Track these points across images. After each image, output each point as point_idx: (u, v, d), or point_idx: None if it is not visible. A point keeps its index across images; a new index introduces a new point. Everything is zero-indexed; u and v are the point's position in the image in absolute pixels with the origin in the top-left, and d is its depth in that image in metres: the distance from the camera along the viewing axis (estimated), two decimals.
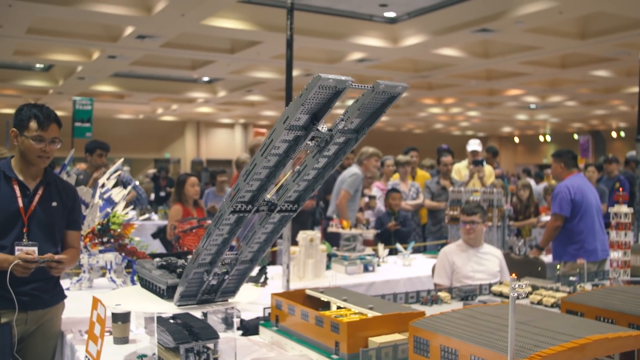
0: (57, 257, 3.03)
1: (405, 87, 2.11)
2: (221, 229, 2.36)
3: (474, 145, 8.64)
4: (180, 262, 2.84)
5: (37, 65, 15.15)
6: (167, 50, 11.84)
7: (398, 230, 7.38)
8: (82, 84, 15.83)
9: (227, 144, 27.20)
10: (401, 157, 8.58)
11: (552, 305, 3.67)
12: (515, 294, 1.95)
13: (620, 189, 5.96)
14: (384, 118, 25.54)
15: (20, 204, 3.13)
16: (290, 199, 2.37)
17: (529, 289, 3.99)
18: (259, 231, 2.44)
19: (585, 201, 6.01)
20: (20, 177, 3.18)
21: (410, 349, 2.35)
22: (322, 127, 2.10)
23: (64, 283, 4.23)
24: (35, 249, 3.07)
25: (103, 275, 4.51)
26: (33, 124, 3.11)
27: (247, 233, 2.51)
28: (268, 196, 2.33)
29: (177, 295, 2.65)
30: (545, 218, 8.37)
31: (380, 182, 8.67)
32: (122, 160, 5.40)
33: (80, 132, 11.81)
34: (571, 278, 4.24)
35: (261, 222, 2.41)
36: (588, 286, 4.21)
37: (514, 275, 1.99)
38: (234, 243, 2.75)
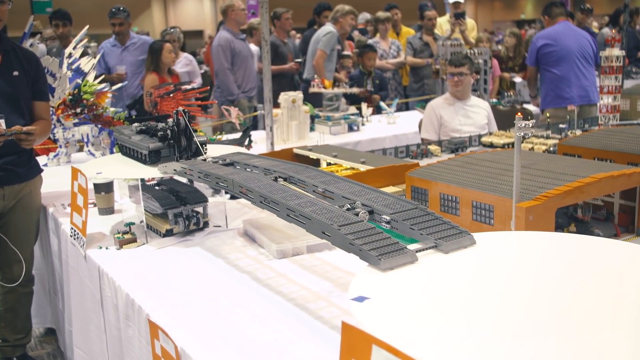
0: (25, 128, 2.85)
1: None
2: None
3: None
4: (161, 125, 2.67)
5: None
6: None
7: (373, 94, 7.03)
8: None
9: (196, 14, 26.02)
10: (381, 14, 8.19)
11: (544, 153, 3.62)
12: (522, 134, 1.84)
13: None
14: None
15: None
16: None
17: (534, 129, 3.92)
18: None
19: (561, 48, 5.81)
20: None
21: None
22: None
23: (41, 160, 4.08)
24: (2, 121, 2.87)
25: (81, 149, 4.36)
26: None
27: None
28: None
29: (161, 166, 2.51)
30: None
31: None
32: (87, 27, 5.05)
33: (40, 7, 11.21)
34: (561, 125, 4.17)
35: None
36: (578, 132, 4.15)
37: (519, 114, 1.86)
38: None
